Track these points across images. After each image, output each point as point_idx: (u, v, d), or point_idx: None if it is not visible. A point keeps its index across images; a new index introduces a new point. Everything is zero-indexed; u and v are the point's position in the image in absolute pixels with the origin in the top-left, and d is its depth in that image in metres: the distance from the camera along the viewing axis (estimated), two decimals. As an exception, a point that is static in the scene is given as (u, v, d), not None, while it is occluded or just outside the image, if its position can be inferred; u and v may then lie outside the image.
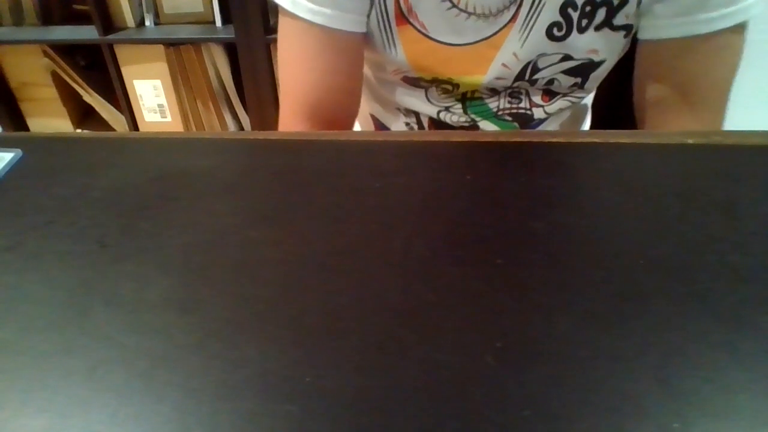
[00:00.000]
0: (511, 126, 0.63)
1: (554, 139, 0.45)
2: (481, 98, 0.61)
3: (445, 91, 0.61)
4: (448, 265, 0.34)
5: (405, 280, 0.33)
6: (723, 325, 0.29)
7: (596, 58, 0.55)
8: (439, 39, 0.55)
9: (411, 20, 0.54)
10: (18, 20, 1.52)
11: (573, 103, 0.62)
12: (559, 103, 0.61)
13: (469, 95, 0.61)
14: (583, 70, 0.56)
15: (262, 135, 0.49)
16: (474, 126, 0.63)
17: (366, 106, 0.71)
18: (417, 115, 0.65)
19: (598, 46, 0.54)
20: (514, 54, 0.55)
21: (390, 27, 0.55)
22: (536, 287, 0.32)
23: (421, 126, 0.66)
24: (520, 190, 0.40)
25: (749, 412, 0.25)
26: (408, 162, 0.44)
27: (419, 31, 0.55)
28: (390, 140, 0.47)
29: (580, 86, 0.58)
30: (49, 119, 1.65)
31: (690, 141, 0.44)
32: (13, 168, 0.45)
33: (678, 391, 0.26)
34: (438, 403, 0.26)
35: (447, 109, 0.63)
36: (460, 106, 0.62)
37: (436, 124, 0.64)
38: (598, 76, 0.57)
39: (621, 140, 0.44)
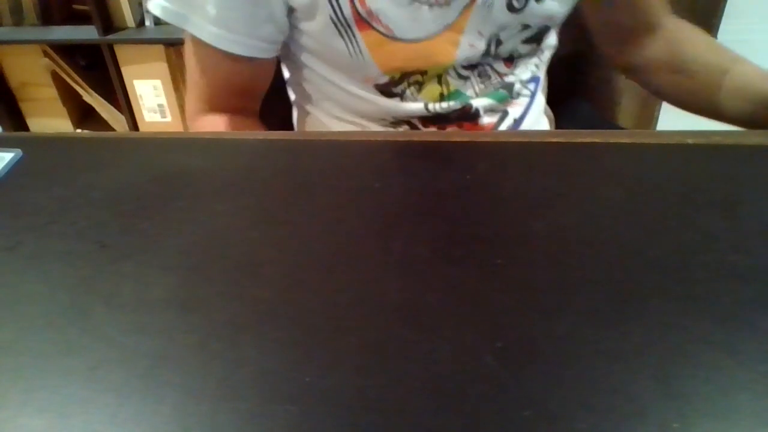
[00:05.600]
0: (499, 95, 0.63)
1: (554, 139, 0.45)
2: (458, 90, 0.61)
3: (419, 87, 0.60)
4: (448, 265, 0.34)
5: (405, 280, 0.33)
6: (723, 325, 0.29)
7: (551, 23, 0.58)
8: (405, 38, 0.55)
9: (373, 24, 0.54)
10: (18, 20, 1.52)
11: (537, 64, 0.64)
12: (522, 65, 0.63)
13: (445, 93, 0.61)
14: (539, 36, 0.60)
15: (261, 135, 0.49)
16: (467, 105, 0.62)
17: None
18: (409, 122, 0.64)
19: (554, 10, 0.57)
20: (479, 32, 0.56)
21: (353, 33, 0.54)
22: (536, 287, 0.32)
23: (416, 129, 0.65)
24: (520, 190, 0.40)
25: (749, 412, 0.25)
26: (408, 162, 0.44)
27: (383, 34, 0.54)
28: (390, 140, 0.47)
29: (537, 46, 0.62)
30: (49, 119, 1.65)
31: (690, 141, 0.44)
32: (13, 168, 0.45)
33: (678, 391, 0.26)
34: (438, 403, 0.26)
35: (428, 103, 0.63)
36: (439, 103, 0.62)
37: (431, 119, 0.63)
38: (551, 33, 0.61)
39: (621, 140, 0.44)
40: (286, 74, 0.69)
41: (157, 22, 1.48)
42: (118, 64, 1.49)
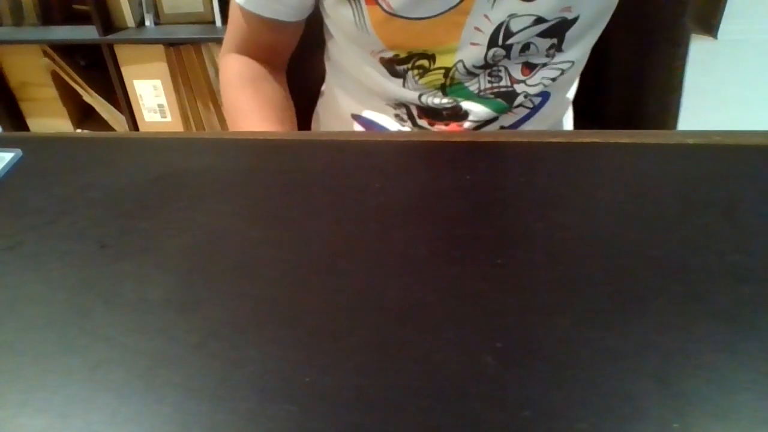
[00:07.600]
0: (496, 104, 0.62)
1: (554, 139, 0.45)
2: (461, 82, 0.61)
3: (422, 73, 0.60)
4: (448, 265, 0.34)
5: (405, 280, 0.33)
6: (723, 326, 0.29)
7: (569, 16, 0.55)
8: (407, 15, 0.55)
9: None
10: (18, 20, 1.52)
11: (554, 77, 0.61)
12: (540, 75, 0.61)
13: (448, 83, 0.60)
14: (557, 30, 0.56)
15: (261, 135, 0.49)
16: (457, 106, 0.62)
17: (348, 107, 0.71)
18: (406, 106, 0.65)
19: (571, 2, 0.54)
20: (485, 16, 0.55)
21: (360, 6, 0.56)
22: (536, 287, 0.32)
23: (411, 115, 0.66)
24: (520, 190, 0.40)
25: (749, 412, 0.25)
26: (408, 162, 0.44)
27: (386, 10, 0.55)
28: (390, 140, 0.47)
29: (558, 48, 0.58)
30: (49, 119, 1.65)
31: (690, 141, 0.44)
32: (13, 168, 0.45)
33: (678, 391, 0.26)
34: (438, 403, 0.26)
35: (426, 92, 0.63)
36: (439, 93, 0.62)
37: (424, 110, 0.64)
38: (575, 35, 0.57)
39: (621, 140, 0.44)
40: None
41: (157, 22, 1.48)
42: (118, 64, 1.49)
